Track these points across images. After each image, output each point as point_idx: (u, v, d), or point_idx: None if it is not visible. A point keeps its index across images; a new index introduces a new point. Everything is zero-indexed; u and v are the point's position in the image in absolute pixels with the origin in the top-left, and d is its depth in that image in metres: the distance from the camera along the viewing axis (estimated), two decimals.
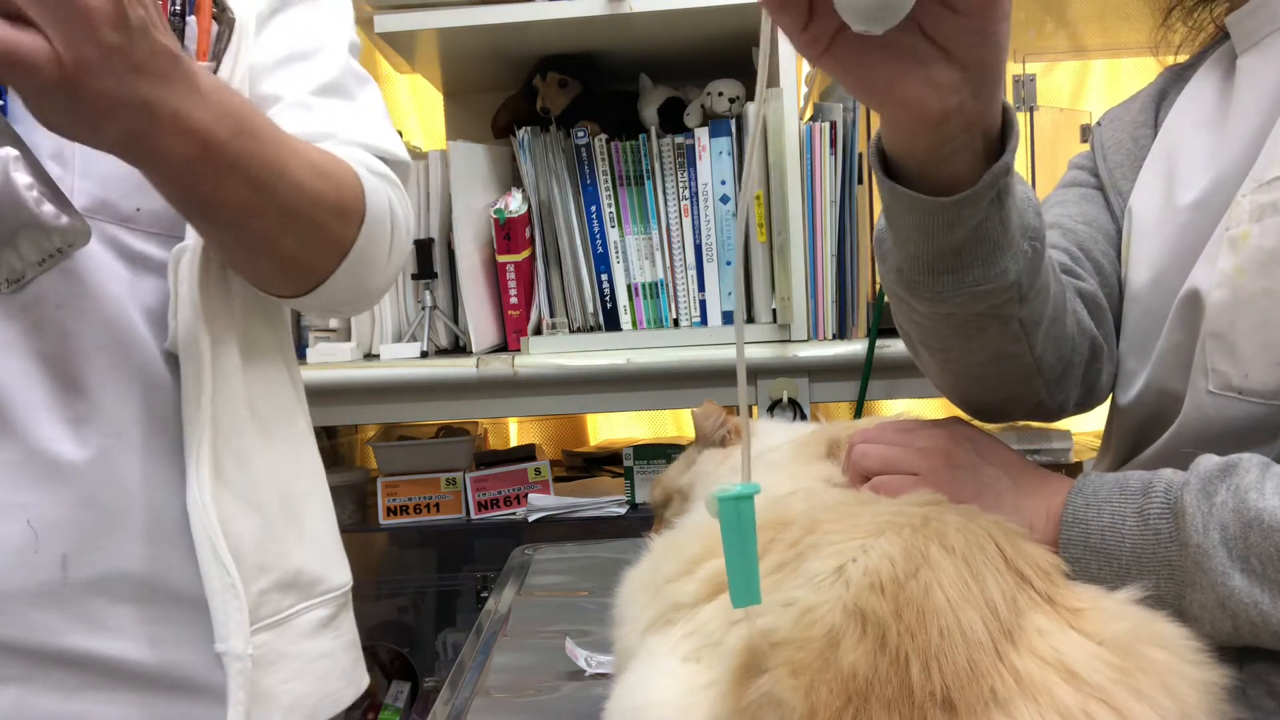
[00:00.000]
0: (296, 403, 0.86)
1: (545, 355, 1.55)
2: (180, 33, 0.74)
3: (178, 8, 0.74)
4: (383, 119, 0.84)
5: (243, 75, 0.77)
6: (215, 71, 0.74)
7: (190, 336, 0.74)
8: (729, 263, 1.59)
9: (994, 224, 0.61)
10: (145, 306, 0.75)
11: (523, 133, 1.61)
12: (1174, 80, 0.82)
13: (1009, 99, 1.47)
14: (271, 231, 0.72)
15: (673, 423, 2.21)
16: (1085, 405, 0.79)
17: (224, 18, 0.75)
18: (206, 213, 0.70)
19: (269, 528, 0.78)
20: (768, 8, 0.51)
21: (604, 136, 1.60)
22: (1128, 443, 0.75)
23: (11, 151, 0.60)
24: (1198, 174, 0.71)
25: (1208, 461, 0.59)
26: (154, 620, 0.74)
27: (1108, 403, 0.81)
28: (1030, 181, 1.52)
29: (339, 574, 0.86)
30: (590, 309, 1.61)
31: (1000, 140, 0.60)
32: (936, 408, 2.00)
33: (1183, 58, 0.83)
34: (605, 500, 1.68)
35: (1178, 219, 0.72)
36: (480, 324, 1.59)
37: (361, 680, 0.89)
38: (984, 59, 0.54)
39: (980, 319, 0.65)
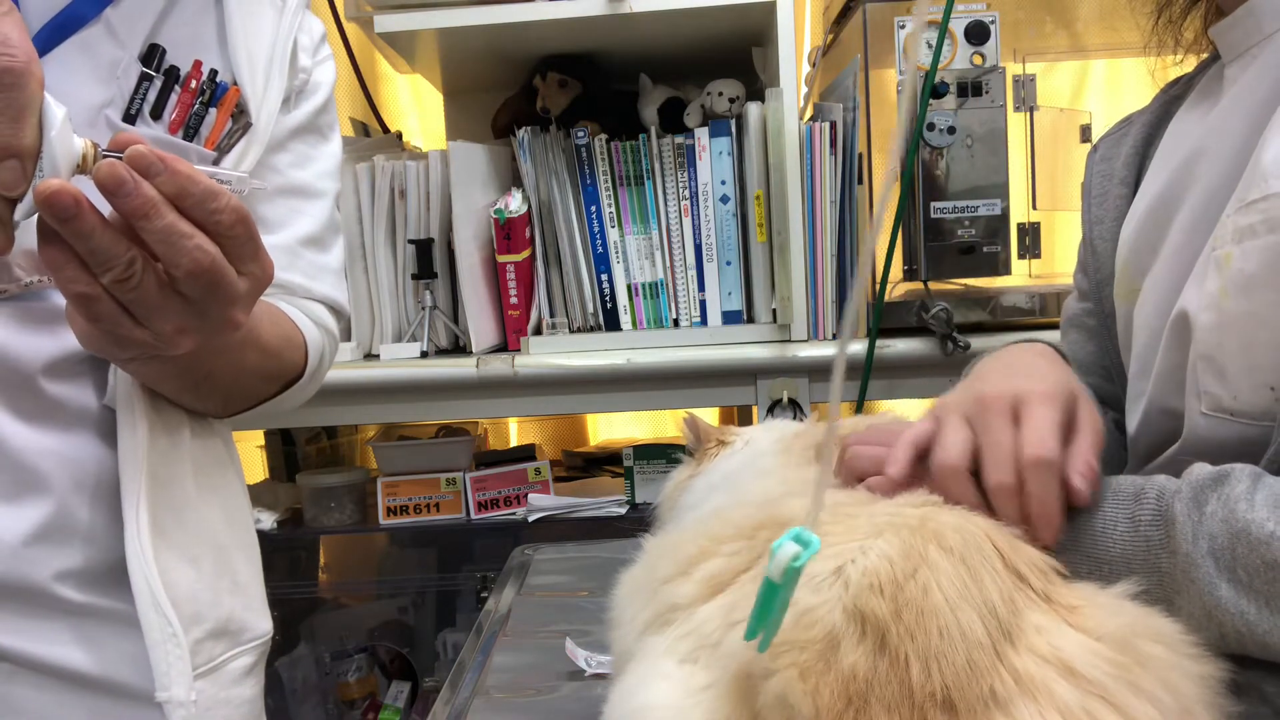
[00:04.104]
0: (228, 455, 0.88)
1: (545, 355, 1.55)
2: (200, 119, 0.79)
3: (205, 99, 0.80)
4: (341, 270, 0.94)
5: (244, 172, 0.81)
6: (218, 162, 0.81)
7: (128, 392, 0.76)
8: (729, 263, 1.59)
9: None
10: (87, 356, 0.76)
11: (523, 133, 1.61)
12: (1167, 107, 0.82)
13: (1009, 99, 1.48)
14: (204, 390, 0.80)
15: (673, 423, 2.21)
16: None
17: (241, 119, 0.82)
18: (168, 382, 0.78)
19: (203, 578, 0.79)
20: None
21: (604, 136, 1.60)
22: (1136, 463, 0.76)
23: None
24: (1188, 198, 0.71)
25: (1200, 470, 0.59)
26: (91, 638, 0.76)
27: None
28: (1030, 181, 1.52)
29: (263, 622, 0.87)
30: (590, 309, 1.61)
31: None
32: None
33: (1181, 57, 0.83)
34: (605, 500, 1.67)
35: (1172, 241, 0.72)
36: (480, 324, 1.59)
37: None
38: None
39: None
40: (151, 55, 0.78)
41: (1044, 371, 0.66)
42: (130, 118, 0.76)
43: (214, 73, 0.80)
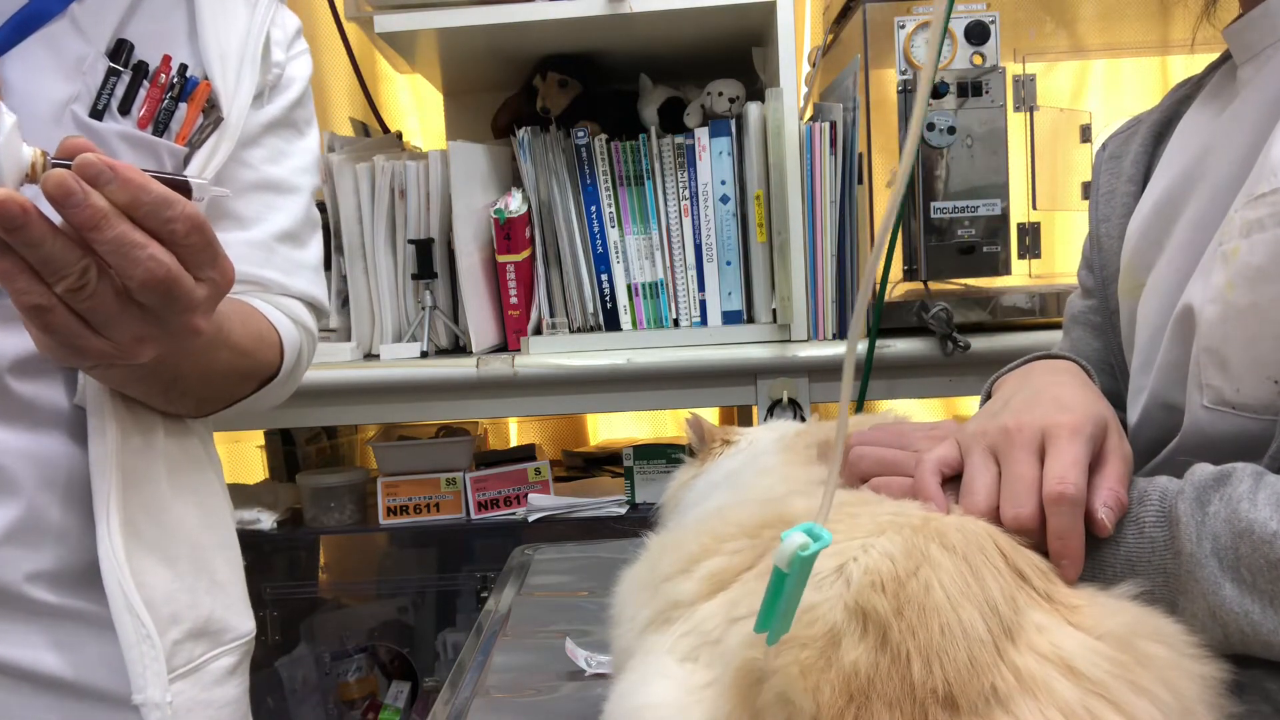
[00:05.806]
0: (205, 454, 0.87)
1: (545, 355, 1.55)
2: (169, 113, 0.78)
3: (174, 93, 0.79)
4: (320, 266, 0.93)
5: (216, 167, 0.81)
6: (189, 157, 0.80)
7: (98, 391, 0.75)
8: (729, 262, 1.59)
9: None
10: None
11: (523, 133, 1.61)
12: (1176, 107, 0.82)
13: (1009, 99, 1.48)
14: (175, 393, 0.79)
15: (673, 423, 2.21)
16: None
17: (211, 114, 0.81)
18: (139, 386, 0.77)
19: (180, 579, 0.79)
20: None
21: (604, 136, 1.60)
22: (1135, 459, 0.76)
23: None
24: (1195, 194, 0.71)
25: (1202, 470, 0.59)
26: (66, 641, 0.75)
27: None
28: (1030, 181, 1.52)
29: (245, 622, 0.86)
30: (590, 309, 1.61)
31: None
32: (935, 407, 2.00)
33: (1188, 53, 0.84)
34: (605, 500, 1.67)
35: (1178, 237, 0.72)
36: (480, 324, 1.59)
37: None
38: None
39: None
40: (119, 50, 0.77)
41: (1072, 399, 0.64)
42: (98, 113, 0.75)
43: (184, 67, 0.79)
